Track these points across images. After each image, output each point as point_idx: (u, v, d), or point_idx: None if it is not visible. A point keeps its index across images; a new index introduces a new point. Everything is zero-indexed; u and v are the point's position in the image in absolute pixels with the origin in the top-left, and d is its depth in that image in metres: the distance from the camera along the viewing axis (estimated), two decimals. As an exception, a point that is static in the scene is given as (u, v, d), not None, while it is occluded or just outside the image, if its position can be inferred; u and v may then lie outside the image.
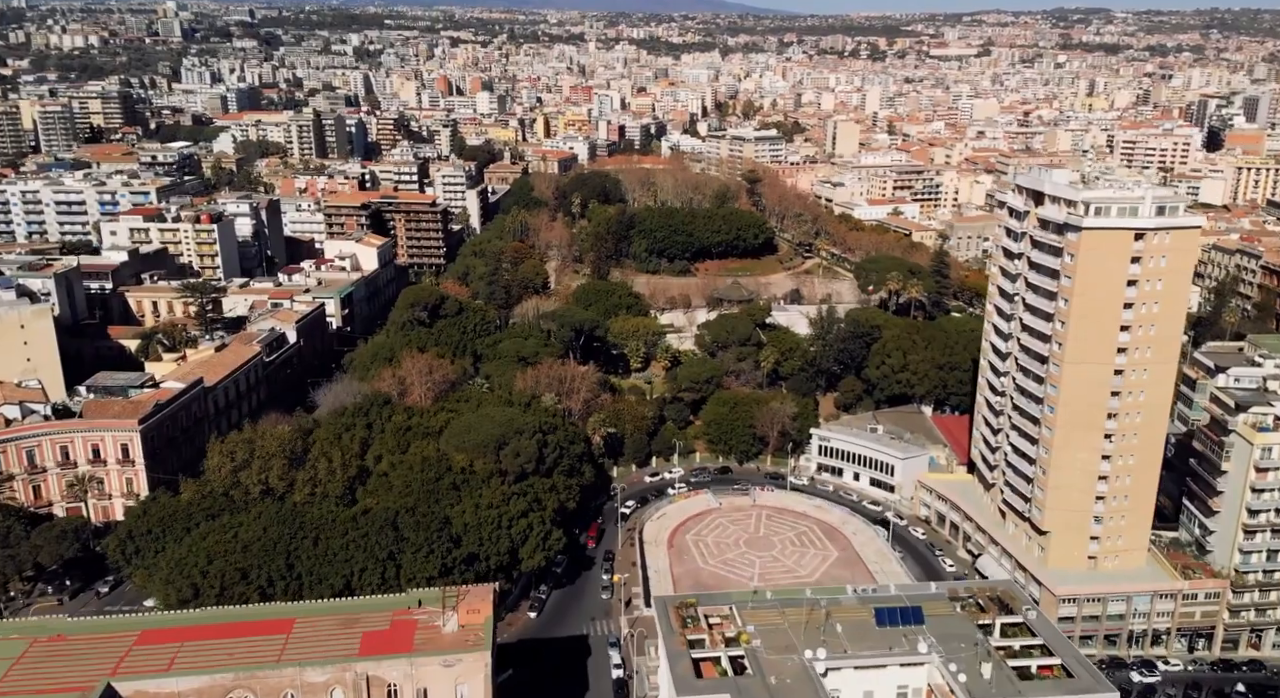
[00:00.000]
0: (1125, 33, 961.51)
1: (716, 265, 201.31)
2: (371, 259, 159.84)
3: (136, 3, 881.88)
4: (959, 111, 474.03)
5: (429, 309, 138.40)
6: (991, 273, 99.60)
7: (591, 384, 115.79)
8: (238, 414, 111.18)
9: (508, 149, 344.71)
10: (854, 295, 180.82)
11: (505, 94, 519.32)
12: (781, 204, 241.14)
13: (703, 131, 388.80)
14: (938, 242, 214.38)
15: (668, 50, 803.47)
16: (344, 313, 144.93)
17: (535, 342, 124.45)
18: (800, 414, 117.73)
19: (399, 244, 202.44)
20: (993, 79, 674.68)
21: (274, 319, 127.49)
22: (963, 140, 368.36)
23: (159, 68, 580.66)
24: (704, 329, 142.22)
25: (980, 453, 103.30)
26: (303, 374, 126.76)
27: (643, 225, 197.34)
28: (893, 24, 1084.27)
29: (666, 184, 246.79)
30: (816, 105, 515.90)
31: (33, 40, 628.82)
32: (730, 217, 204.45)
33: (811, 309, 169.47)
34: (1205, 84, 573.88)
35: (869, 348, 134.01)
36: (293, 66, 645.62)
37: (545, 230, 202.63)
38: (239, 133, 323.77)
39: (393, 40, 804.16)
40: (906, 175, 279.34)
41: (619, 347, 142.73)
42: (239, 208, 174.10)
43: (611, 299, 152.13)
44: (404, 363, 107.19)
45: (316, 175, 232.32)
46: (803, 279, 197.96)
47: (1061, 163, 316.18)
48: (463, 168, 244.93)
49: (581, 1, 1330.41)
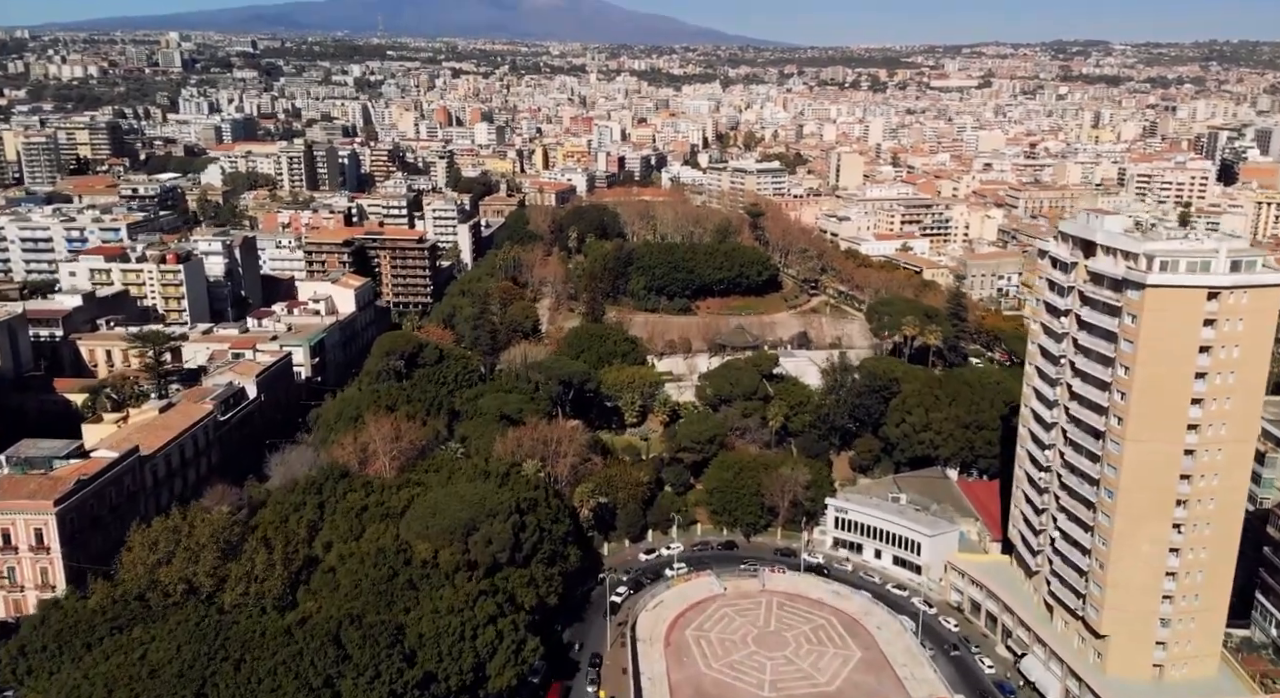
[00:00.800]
0: (1125, 64, 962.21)
1: (718, 303, 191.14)
2: (348, 301, 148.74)
3: (141, 34, 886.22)
4: (963, 143, 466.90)
5: (406, 358, 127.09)
6: (1031, 330, 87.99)
7: (580, 447, 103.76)
8: (181, 484, 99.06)
9: (504, 180, 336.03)
10: (865, 338, 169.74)
11: (505, 125, 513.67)
12: (785, 239, 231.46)
13: (703, 163, 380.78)
14: (952, 281, 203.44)
15: (669, 81, 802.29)
16: (314, 362, 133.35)
17: (519, 397, 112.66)
18: (814, 482, 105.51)
19: (384, 283, 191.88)
20: (995, 110, 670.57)
21: (233, 372, 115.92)
22: (969, 173, 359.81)
23: (157, 98, 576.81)
24: (706, 380, 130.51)
25: (1020, 533, 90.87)
26: (263, 433, 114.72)
27: (641, 261, 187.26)
28: (892, 55, 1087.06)
29: (666, 217, 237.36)
30: (818, 136, 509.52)
31: (32, 70, 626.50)
32: (733, 252, 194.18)
33: (821, 355, 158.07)
34: (1210, 116, 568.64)
35: (887, 403, 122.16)
36: (292, 97, 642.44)
37: (539, 266, 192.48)
38: (228, 164, 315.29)
39: (394, 71, 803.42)
40: (915, 209, 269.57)
41: (613, 398, 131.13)
42: (211, 246, 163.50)
43: (605, 345, 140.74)
44: (368, 427, 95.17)
45: (301, 209, 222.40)
46: (810, 319, 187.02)
47: (1074, 196, 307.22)
48: (455, 201, 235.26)
49: (583, 34, 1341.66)
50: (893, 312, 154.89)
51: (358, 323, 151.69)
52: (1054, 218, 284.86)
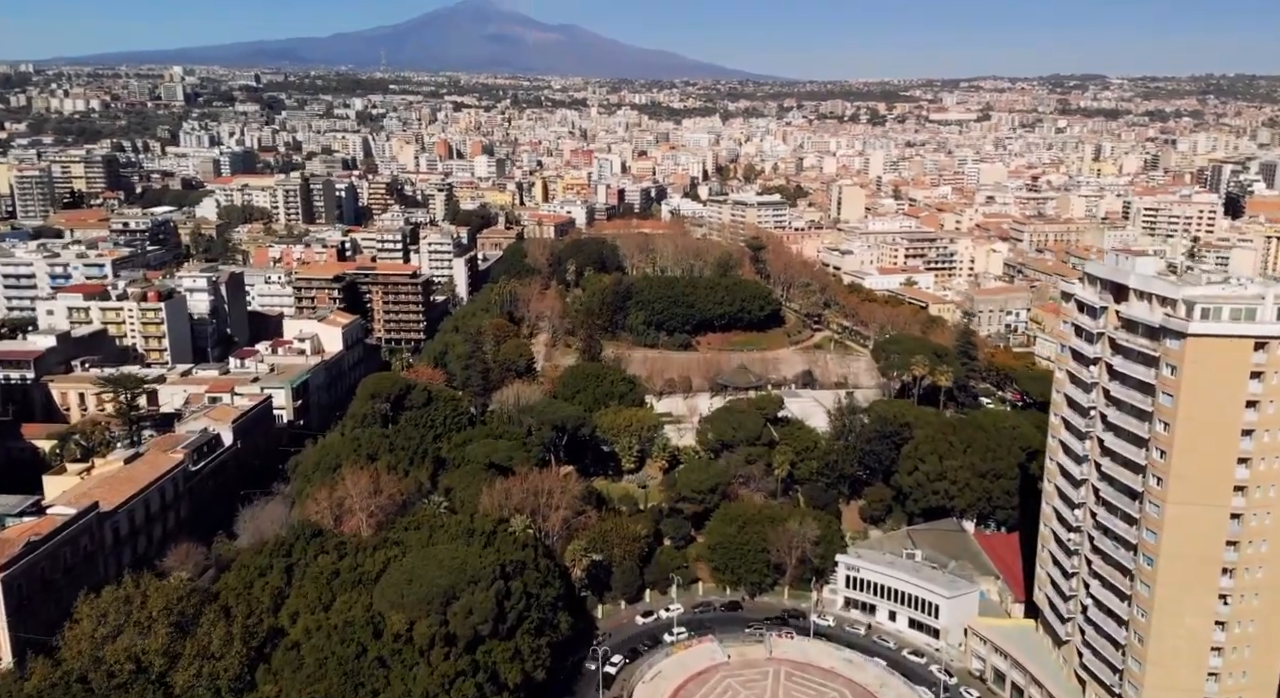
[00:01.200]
0: (1123, 98, 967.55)
1: (719, 338, 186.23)
2: (335, 339, 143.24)
3: (146, 68, 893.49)
4: (965, 176, 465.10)
5: (392, 400, 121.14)
6: (1056, 378, 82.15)
7: (573, 499, 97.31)
8: (146, 542, 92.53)
9: (503, 213, 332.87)
10: (872, 377, 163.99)
11: (506, 158, 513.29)
12: (787, 272, 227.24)
13: (703, 195, 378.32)
14: (961, 318, 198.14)
15: (669, 115, 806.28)
16: (297, 404, 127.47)
17: (509, 443, 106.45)
18: (824, 537, 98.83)
19: (375, 319, 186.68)
20: (995, 143, 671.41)
21: (207, 418, 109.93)
22: (972, 206, 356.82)
23: (158, 131, 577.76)
24: (707, 425, 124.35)
25: (1047, 597, 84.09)
26: (239, 483, 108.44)
27: (640, 296, 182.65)
28: (891, 89, 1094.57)
29: (666, 250, 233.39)
30: (818, 169, 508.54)
31: (34, 104, 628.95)
32: (734, 286, 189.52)
33: (827, 395, 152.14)
34: (1211, 149, 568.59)
35: (898, 449, 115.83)
36: (294, 130, 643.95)
37: (536, 301, 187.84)
38: (223, 197, 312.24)
39: (396, 104, 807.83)
40: (918, 243, 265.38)
41: (609, 443, 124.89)
42: (195, 282, 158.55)
43: (602, 385, 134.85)
44: (344, 480, 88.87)
45: (293, 244, 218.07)
46: (814, 356, 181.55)
47: (1079, 230, 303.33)
48: (451, 234, 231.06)
49: (585, 68, 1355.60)
50: (901, 350, 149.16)
51: (345, 362, 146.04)
52: (1060, 252, 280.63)
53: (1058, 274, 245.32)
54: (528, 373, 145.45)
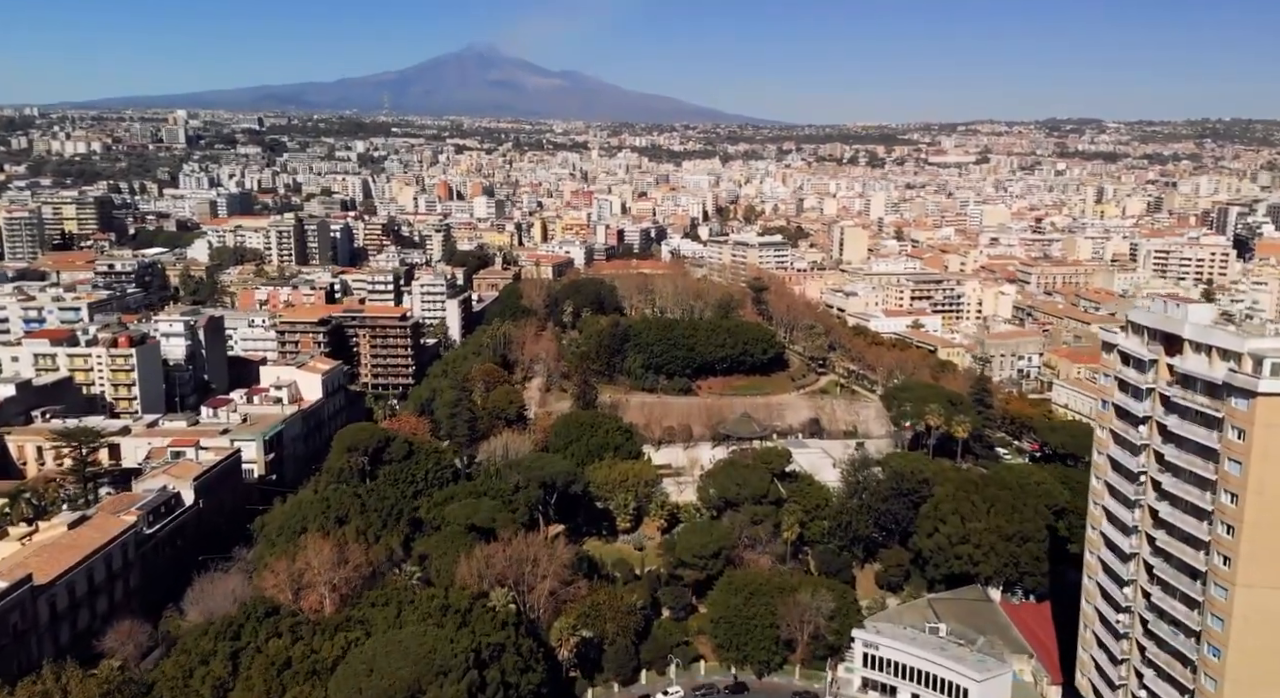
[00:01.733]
0: (1120, 141, 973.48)
1: (721, 383, 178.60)
2: (315, 387, 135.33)
3: (151, 112, 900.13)
4: (967, 217, 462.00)
5: (370, 454, 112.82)
6: (1098, 437, 73.90)
7: (561, 567, 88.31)
8: (89, 616, 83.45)
9: (500, 254, 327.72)
10: (882, 425, 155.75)
11: (506, 199, 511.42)
12: (790, 314, 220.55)
13: (704, 236, 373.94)
14: (975, 362, 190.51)
15: (669, 157, 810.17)
16: (269, 458, 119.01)
17: (492, 503, 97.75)
18: (839, 609, 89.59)
19: (361, 364, 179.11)
20: (995, 185, 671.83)
21: (167, 475, 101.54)
22: (976, 247, 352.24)
23: (158, 173, 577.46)
24: (709, 481, 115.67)
25: (1092, 685, 74.70)
26: (201, 547, 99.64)
27: (639, 338, 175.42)
28: (889, 133, 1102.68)
29: (666, 291, 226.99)
30: (819, 210, 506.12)
31: (35, 146, 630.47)
32: (736, 329, 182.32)
33: (836, 446, 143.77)
34: (1214, 191, 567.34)
35: (916, 508, 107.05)
36: (294, 171, 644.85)
37: (531, 343, 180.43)
38: (215, 238, 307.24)
39: (398, 147, 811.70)
40: (924, 285, 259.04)
41: (603, 499, 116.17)
42: (172, 327, 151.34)
43: (597, 435, 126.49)
44: (306, 549, 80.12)
45: (280, 285, 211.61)
46: (820, 402, 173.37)
47: (1088, 272, 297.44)
48: (444, 275, 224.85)
49: (586, 113, 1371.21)
50: (913, 398, 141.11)
51: (325, 411, 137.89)
52: (1070, 295, 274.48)
53: (1070, 317, 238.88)
54: (518, 421, 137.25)
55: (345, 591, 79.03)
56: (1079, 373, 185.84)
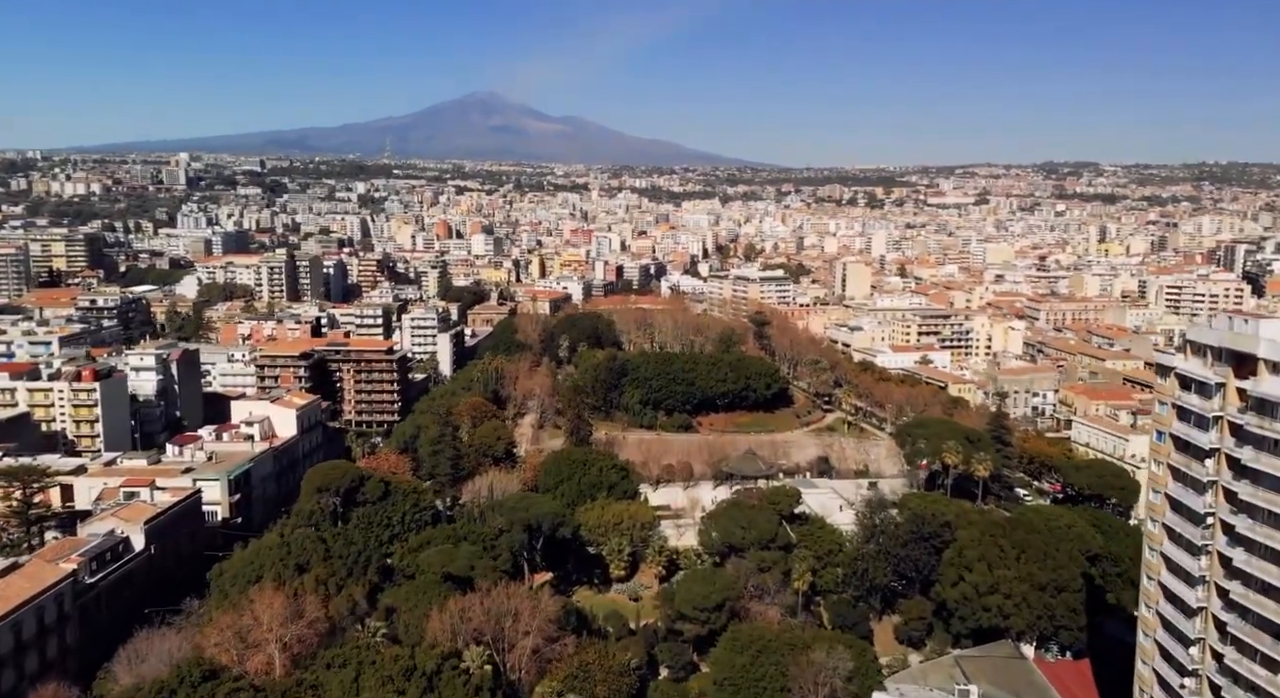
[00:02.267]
0: (1118, 184, 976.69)
1: (723, 419, 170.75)
2: (289, 423, 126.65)
3: (154, 156, 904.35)
4: (970, 255, 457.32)
5: (342, 494, 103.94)
6: (1153, 474, 65.25)
7: (546, 621, 78.71)
8: (15, 677, 73.71)
9: (497, 289, 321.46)
10: (894, 464, 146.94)
11: (505, 237, 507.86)
12: (793, 349, 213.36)
13: (704, 272, 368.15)
14: (991, 398, 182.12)
15: (669, 198, 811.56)
16: (235, 499, 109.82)
17: (472, 549, 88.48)
18: (857, 668, 79.68)
19: (345, 399, 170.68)
20: (996, 225, 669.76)
21: (115, 518, 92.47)
22: (981, 284, 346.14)
23: (156, 213, 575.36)
24: (711, 523, 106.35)
25: (1156, 761, 64.75)
26: (150, 597, 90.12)
27: (637, 373, 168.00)
28: (887, 175, 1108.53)
29: (666, 326, 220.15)
30: (819, 248, 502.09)
31: (34, 187, 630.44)
32: (738, 363, 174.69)
33: (847, 486, 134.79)
34: (1216, 231, 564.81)
35: (938, 554, 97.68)
36: (293, 212, 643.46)
37: (524, 378, 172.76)
38: (205, 275, 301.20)
39: (398, 188, 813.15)
40: (932, 320, 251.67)
41: (596, 544, 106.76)
42: (143, 361, 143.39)
43: (589, 474, 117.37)
44: (255, 602, 70.80)
45: (264, 320, 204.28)
46: (827, 440, 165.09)
47: (1099, 308, 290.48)
48: (436, 309, 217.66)
49: (587, 157, 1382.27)
50: (928, 435, 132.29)
51: (299, 449, 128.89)
52: (1081, 330, 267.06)
53: (1083, 353, 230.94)
54: (507, 459, 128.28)
55: (299, 649, 69.53)
56: (1097, 410, 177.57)
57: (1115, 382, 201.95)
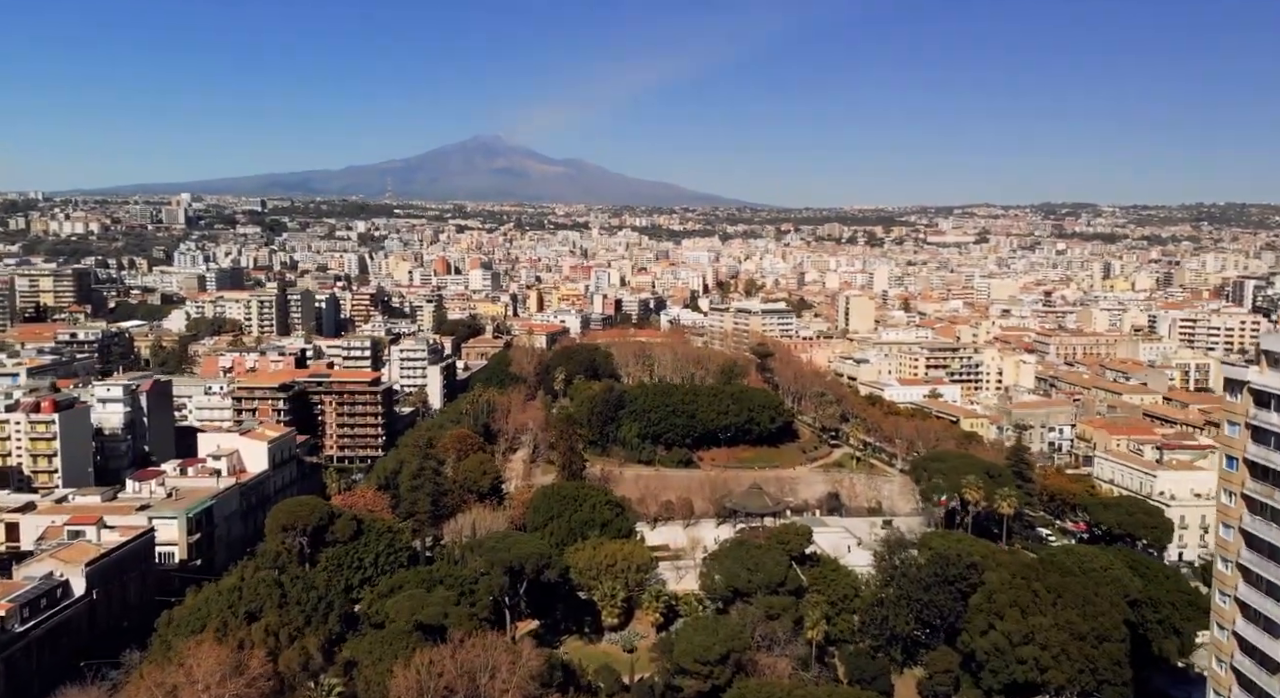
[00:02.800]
0: (1117, 224, 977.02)
1: (725, 454, 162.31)
2: (259, 457, 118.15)
3: (156, 198, 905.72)
4: (974, 290, 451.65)
5: (310, 533, 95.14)
6: (1223, 508, 56.75)
7: (527, 678, 69.39)
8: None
9: (493, 323, 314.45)
10: (909, 502, 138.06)
11: (504, 273, 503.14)
12: (797, 382, 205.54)
13: (704, 307, 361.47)
14: (1011, 431, 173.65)
15: (669, 236, 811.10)
16: (194, 539, 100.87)
17: (446, 594, 79.35)
18: (878, 733, 70.12)
19: (327, 433, 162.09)
20: (998, 262, 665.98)
21: (54, 559, 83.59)
22: (987, 319, 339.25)
23: (154, 252, 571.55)
24: (714, 565, 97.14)
25: None
26: (91, 647, 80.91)
27: (635, 405, 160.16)
28: (886, 215, 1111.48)
29: (665, 359, 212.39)
30: (821, 284, 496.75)
31: (33, 227, 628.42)
32: (741, 395, 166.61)
33: (859, 524, 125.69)
34: (1221, 268, 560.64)
35: (965, 599, 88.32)
36: (292, 250, 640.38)
37: (517, 412, 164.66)
38: (194, 310, 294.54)
39: (399, 227, 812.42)
40: (940, 353, 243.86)
41: (587, 588, 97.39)
42: (109, 392, 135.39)
43: (581, 510, 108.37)
44: (191, 655, 61.66)
45: (247, 352, 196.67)
46: (836, 476, 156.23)
47: (1111, 342, 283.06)
48: (428, 340, 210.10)
49: (588, 198, 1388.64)
50: (945, 470, 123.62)
51: (270, 485, 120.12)
52: (1093, 364, 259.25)
53: (1098, 387, 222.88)
54: (493, 495, 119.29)
55: (241, 711, 60.24)
56: (1119, 445, 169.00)
57: (1135, 416, 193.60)
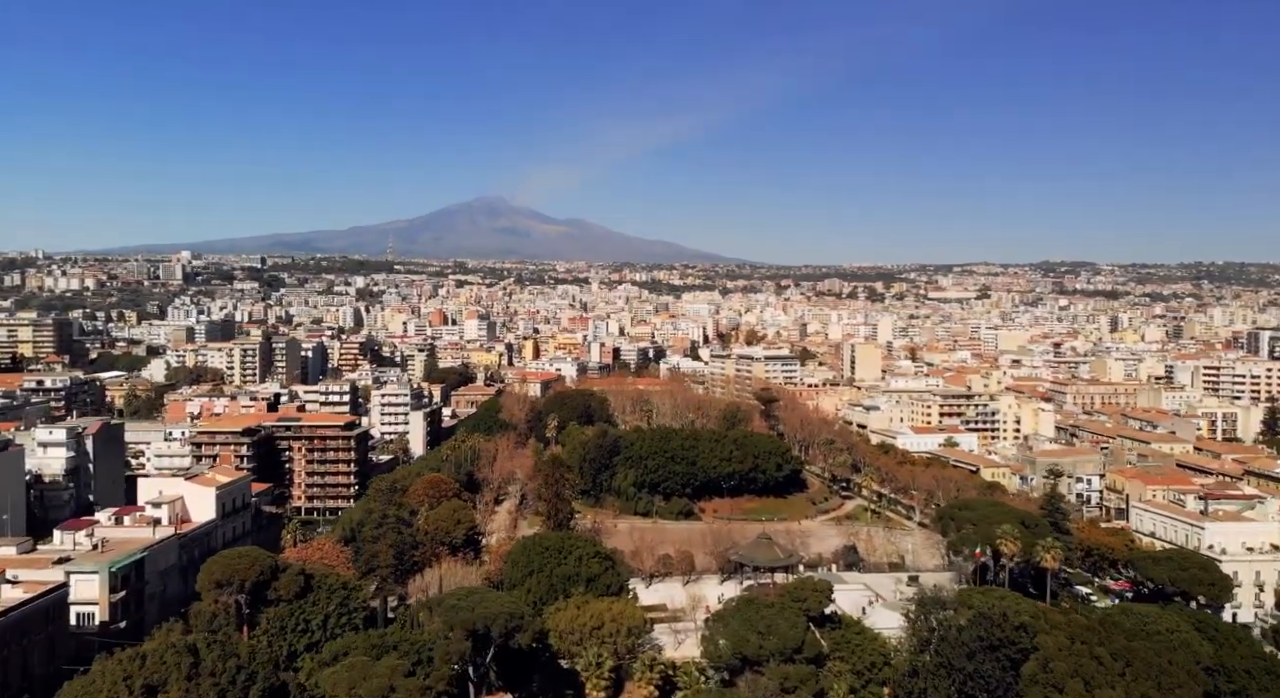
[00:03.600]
0: (1117, 282, 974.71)
1: (728, 504, 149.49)
2: (206, 505, 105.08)
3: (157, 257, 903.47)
4: (981, 341, 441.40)
5: (250, 590, 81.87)
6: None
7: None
8: None
9: (485, 371, 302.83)
10: (932, 556, 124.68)
11: (502, 324, 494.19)
12: (804, 430, 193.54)
13: (705, 357, 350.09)
14: (1037, 481, 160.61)
15: (669, 290, 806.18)
16: (119, 597, 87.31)
17: (396, 663, 65.66)
18: None
19: (295, 482, 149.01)
20: (1001, 317, 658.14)
21: (-67, 619, 70.24)
22: (999, 368, 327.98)
23: (148, 307, 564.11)
24: (718, 628, 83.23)
25: None
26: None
27: (630, 450, 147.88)
28: (886, 272, 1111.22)
29: (664, 406, 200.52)
30: (824, 335, 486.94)
31: (28, 282, 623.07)
32: (744, 440, 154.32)
33: (882, 581, 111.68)
34: (1229, 323, 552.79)
35: (1016, 668, 74.36)
36: (289, 304, 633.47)
37: (505, 460, 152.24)
38: (175, 359, 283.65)
39: (398, 282, 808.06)
40: (954, 400, 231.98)
41: (568, 654, 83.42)
42: (52, 435, 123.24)
43: (565, 565, 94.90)
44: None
45: (217, 397, 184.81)
46: (851, 529, 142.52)
47: (1131, 391, 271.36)
48: (410, 385, 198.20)
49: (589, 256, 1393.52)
50: (975, 519, 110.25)
51: (218, 536, 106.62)
52: (1113, 413, 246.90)
53: (1124, 436, 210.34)
54: (468, 548, 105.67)
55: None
56: (1155, 495, 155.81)
57: (1168, 465, 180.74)
